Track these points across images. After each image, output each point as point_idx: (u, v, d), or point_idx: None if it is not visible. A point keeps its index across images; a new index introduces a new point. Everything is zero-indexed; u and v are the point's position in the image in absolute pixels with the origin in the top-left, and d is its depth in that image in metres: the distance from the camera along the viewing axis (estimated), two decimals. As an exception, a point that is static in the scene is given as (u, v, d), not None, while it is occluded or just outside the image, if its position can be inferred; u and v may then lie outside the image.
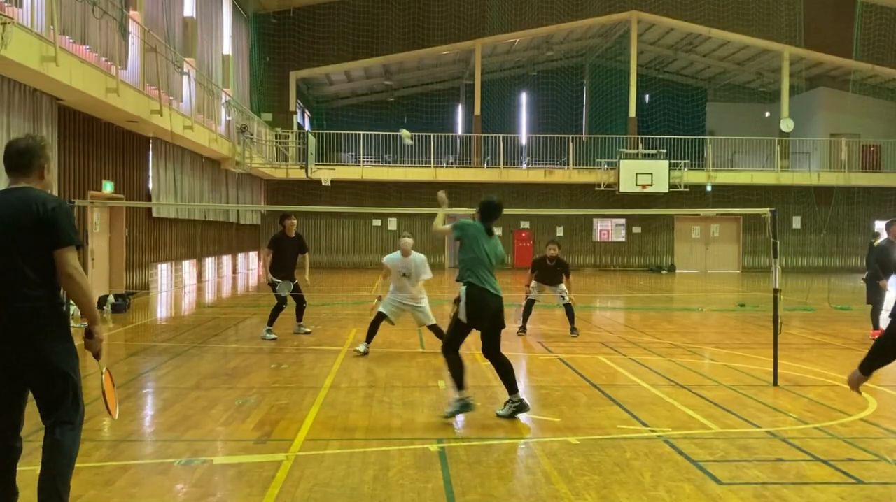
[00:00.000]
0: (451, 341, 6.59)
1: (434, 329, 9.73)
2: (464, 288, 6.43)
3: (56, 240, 3.76)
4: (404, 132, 10.83)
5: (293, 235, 11.28)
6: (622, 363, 9.36)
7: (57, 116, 13.13)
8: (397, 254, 9.78)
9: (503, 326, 6.61)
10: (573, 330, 11.58)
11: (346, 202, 29.09)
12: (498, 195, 7.00)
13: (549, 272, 11.75)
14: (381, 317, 9.78)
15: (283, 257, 11.13)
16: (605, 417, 6.60)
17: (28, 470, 4.21)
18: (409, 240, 9.72)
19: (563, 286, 11.72)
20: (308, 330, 11.61)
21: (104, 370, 4.17)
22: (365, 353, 9.62)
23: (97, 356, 4.01)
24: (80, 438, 3.92)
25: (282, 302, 11.08)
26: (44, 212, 3.75)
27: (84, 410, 3.97)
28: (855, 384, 4.01)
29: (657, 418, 6.57)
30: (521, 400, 6.50)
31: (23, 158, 3.90)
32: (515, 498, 4.65)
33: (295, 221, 11.36)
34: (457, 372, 6.48)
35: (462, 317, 6.44)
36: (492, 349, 6.59)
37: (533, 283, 11.90)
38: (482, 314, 6.44)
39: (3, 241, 3.74)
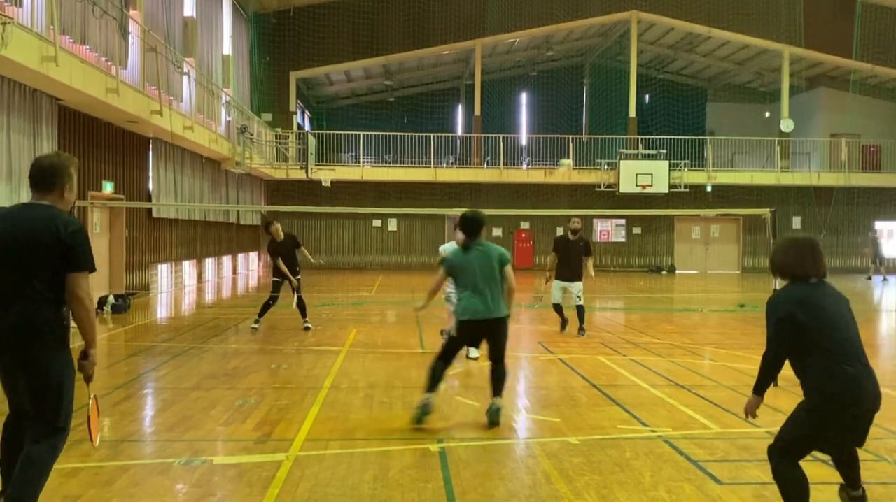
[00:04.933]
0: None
1: None
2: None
3: (73, 263, 3.84)
4: None
5: (283, 238, 11.99)
6: (622, 363, 9.36)
7: (57, 116, 13.12)
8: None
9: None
10: (581, 329, 11.59)
11: (346, 202, 29.06)
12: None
13: (572, 250, 11.58)
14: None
15: (288, 259, 11.92)
16: (606, 417, 6.60)
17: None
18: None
19: (580, 285, 11.63)
20: (309, 325, 12.11)
21: (92, 397, 4.13)
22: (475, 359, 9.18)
23: (88, 379, 3.99)
24: (62, 447, 3.91)
25: (273, 299, 11.91)
26: (65, 234, 3.82)
27: (70, 423, 3.95)
28: (753, 409, 4.22)
29: (657, 418, 6.58)
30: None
31: (46, 177, 3.96)
32: (515, 498, 4.65)
33: (278, 225, 12.04)
34: None
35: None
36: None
37: (554, 282, 11.76)
38: None
39: (19, 254, 3.81)
